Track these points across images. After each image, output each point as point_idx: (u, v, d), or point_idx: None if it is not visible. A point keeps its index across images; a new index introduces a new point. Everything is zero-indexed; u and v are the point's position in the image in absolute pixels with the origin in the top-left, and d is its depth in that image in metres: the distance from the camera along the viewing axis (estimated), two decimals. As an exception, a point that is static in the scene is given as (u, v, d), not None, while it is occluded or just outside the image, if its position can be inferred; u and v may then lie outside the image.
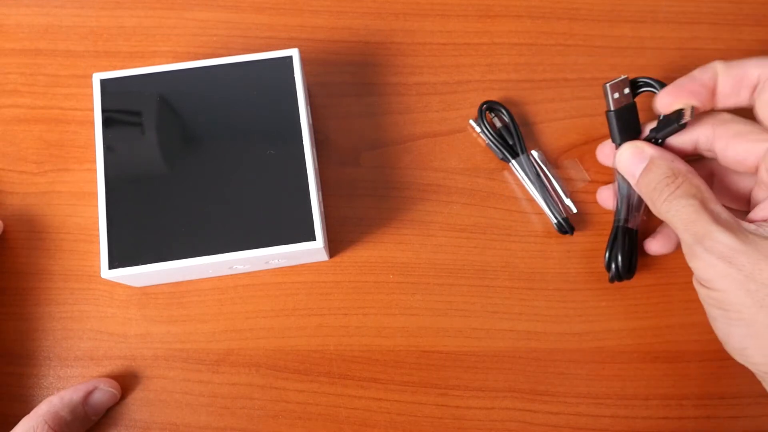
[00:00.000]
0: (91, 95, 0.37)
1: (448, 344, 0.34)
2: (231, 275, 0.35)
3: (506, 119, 0.37)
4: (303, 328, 0.35)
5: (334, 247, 0.36)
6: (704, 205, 0.28)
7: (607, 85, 0.33)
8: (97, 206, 0.36)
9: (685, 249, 0.29)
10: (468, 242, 0.36)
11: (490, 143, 0.36)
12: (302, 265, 0.35)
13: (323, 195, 0.36)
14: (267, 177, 0.32)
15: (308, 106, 0.34)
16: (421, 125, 0.38)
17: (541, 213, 0.36)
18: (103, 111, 0.32)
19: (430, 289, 0.35)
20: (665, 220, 0.30)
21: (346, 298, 0.35)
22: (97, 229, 0.35)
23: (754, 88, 0.30)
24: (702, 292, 0.29)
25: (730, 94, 0.30)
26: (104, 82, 0.33)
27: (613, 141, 0.34)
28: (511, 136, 0.36)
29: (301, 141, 0.32)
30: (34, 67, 0.38)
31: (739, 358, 0.28)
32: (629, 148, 0.32)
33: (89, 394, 0.32)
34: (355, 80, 0.38)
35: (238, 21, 0.39)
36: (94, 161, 0.37)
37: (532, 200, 0.36)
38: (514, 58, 0.39)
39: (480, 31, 0.39)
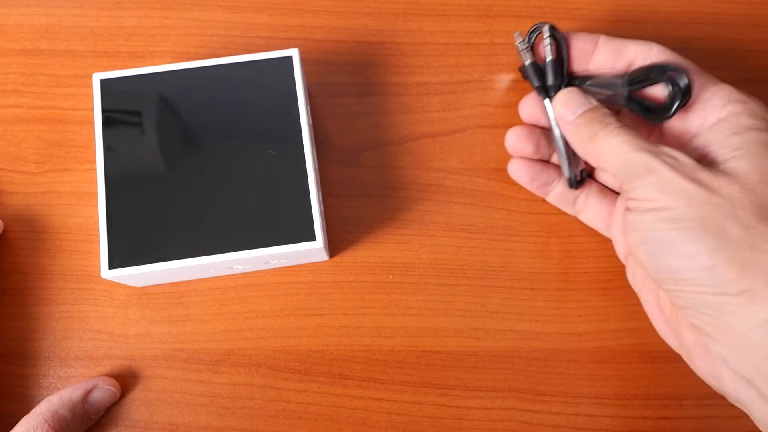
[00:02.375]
0: (91, 95, 0.37)
1: (448, 344, 0.34)
2: (231, 275, 0.35)
3: (560, 48, 0.34)
4: (303, 328, 0.35)
5: (334, 247, 0.36)
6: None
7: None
8: (97, 206, 0.36)
9: (627, 172, 0.28)
10: (468, 242, 0.36)
11: (529, 69, 0.34)
12: (302, 265, 0.36)
13: (323, 195, 0.36)
14: (267, 177, 0.32)
15: (308, 106, 0.34)
16: (421, 125, 0.38)
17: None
18: (103, 111, 0.32)
19: (430, 289, 0.35)
20: (606, 146, 0.29)
21: (346, 298, 0.35)
22: (97, 229, 0.35)
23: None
24: (647, 218, 0.27)
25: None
26: (104, 82, 0.33)
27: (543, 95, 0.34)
28: (554, 74, 0.34)
29: (301, 141, 0.32)
30: (34, 67, 0.38)
31: (703, 278, 0.26)
32: (570, 92, 0.32)
33: (89, 392, 0.32)
34: (355, 80, 0.38)
35: (238, 21, 0.39)
36: (94, 161, 0.37)
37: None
38: (514, 58, 0.39)
39: (480, 31, 0.39)
